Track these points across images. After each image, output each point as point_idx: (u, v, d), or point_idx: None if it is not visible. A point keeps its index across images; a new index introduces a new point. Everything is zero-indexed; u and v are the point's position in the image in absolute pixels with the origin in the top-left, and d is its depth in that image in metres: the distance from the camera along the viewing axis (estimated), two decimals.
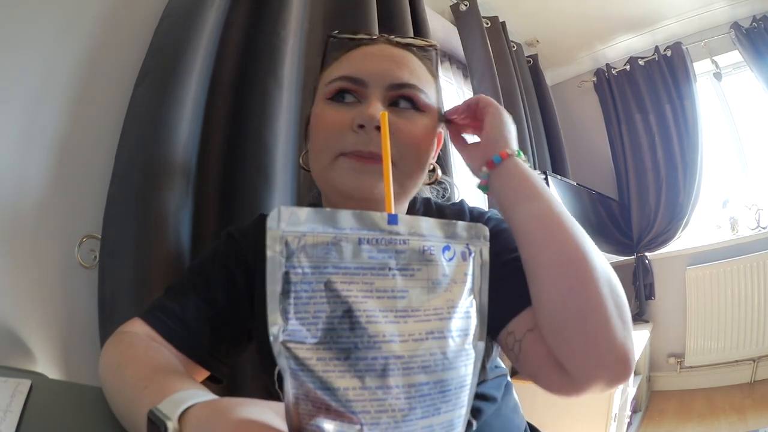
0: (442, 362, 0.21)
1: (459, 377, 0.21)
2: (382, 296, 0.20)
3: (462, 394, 0.22)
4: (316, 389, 0.19)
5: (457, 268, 0.22)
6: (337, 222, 0.19)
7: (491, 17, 2.11)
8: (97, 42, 0.79)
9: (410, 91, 0.53)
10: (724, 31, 2.41)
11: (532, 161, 1.94)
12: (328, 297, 0.19)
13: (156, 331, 0.49)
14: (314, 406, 0.19)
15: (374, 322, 0.20)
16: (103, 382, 0.44)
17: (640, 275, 2.47)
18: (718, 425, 1.89)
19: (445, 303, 0.22)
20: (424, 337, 0.21)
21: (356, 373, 0.19)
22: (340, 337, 0.19)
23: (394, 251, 0.20)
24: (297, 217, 0.19)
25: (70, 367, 0.70)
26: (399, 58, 0.55)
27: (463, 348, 0.22)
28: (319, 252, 0.19)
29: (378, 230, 0.20)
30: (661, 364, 2.45)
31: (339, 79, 0.54)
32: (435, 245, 0.22)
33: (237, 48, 0.93)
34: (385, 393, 0.19)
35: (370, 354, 0.19)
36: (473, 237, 0.23)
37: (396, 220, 0.21)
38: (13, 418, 0.39)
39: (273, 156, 0.85)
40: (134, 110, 0.77)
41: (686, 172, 2.42)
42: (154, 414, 0.29)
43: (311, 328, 0.19)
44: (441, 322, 0.21)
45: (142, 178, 0.72)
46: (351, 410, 0.19)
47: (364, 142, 0.50)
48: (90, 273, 0.73)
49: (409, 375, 0.20)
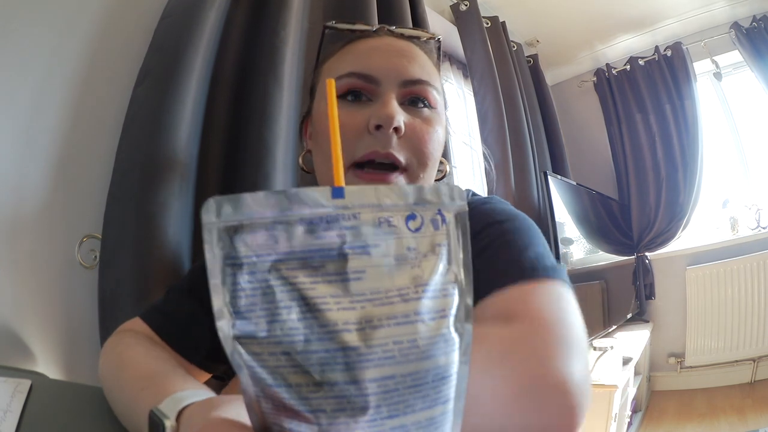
0: (412, 351, 0.18)
1: (437, 368, 0.18)
2: (334, 280, 0.18)
3: (444, 388, 0.19)
4: (271, 386, 0.17)
5: (426, 239, 0.19)
6: (274, 205, 0.17)
7: (491, 17, 2.11)
8: (97, 42, 0.79)
9: (423, 88, 0.51)
10: (724, 31, 2.41)
11: (532, 161, 1.94)
12: (275, 286, 0.17)
13: (155, 332, 0.49)
14: (273, 404, 0.17)
15: (325, 310, 0.17)
16: (104, 382, 0.44)
17: (640, 275, 2.47)
18: (718, 425, 1.89)
19: (412, 281, 0.18)
20: (385, 324, 0.18)
21: (309, 367, 0.17)
22: (290, 329, 0.17)
23: (343, 228, 0.18)
24: (231, 205, 0.17)
25: (70, 367, 0.70)
26: (408, 52, 0.52)
27: (439, 333, 0.19)
28: (259, 239, 0.17)
29: (321, 207, 0.18)
30: (661, 364, 2.45)
31: (347, 76, 0.50)
32: (395, 215, 0.19)
33: (237, 48, 0.93)
34: (342, 390, 0.17)
35: (323, 346, 0.17)
36: (446, 200, 0.20)
37: (341, 192, 0.18)
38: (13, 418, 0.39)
39: (273, 156, 0.85)
40: (134, 110, 0.77)
41: (686, 172, 2.42)
42: (155, 413, 0.29)
43: (259, 321, 0.17)
44: (407, 304, 0.18)
45: (142, 178, 0.72)
46: (306, 409, 0.17)
47: (381, 144, 0.47)
48: (90, 273, 0.73)
49: (369, 368, 0.17)
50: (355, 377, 0.17)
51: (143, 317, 0.51)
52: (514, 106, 1.94)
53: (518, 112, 1.95)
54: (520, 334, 0.30)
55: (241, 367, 0.18)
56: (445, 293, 0.19)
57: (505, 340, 0.30)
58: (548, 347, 0.29)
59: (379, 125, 0.46)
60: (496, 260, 0.39)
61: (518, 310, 0.33)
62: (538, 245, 0.41)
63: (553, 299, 0.35)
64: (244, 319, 0.17)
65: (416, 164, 0.49)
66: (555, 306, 0.34)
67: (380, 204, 0.19)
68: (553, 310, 0.33)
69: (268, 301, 0.17)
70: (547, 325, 0.31)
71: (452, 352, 0.19)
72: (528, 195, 1.82)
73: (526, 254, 0.39)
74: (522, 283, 0.36)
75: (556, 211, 1.82)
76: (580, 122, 2.85)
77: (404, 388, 0.18)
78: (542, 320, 0.31)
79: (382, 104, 0.47)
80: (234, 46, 0.92)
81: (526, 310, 0.33)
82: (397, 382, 0.17)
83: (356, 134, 0.47)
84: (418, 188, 0.19)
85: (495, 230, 0.43)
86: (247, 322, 0.17)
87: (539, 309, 0.33)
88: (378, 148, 0.47)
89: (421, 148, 0.49)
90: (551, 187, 1.85)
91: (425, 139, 0.49)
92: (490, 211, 0.46)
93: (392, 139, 0.47)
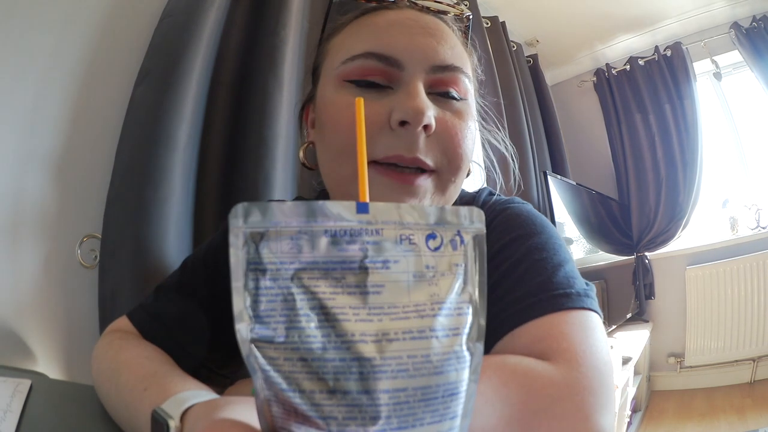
0: (424, 366, 0.18)
1: (448, 383, 0.19)
2: (354, 292, 0.18)
3: (453, 404, 0.19)
4: (284, 391, 0.17)
5: (444, 259, 0.20)
6: (300, 215, 0.18)
7: (491, 17, 2.11)
8: (97, 42, 0.79)
9: (455, 75, 0.43)
10: (724, 31, 2.41)
11: (533, 161, 1.94)
12: (295, 293, 0.18)
13: (142, 334, 0.47)
14: (284, 408, 0.18)
15: (343, 320, 0.18)
16: (99, 384, 0.43)
17: (640, 275, 2.47)
18: (718, 425, 1.89)
19: (429, 298, 0.19)
20: (400, 337, 0.18)
21: (323, 375, 0.17)
22: (307, 337, 0.18)
23: (365, 242, 0.19)
24: (259, 212, 0.18)
25: (70, 367, 0.70)
26: (436, 30, 0.43)
27: (452, 350, 0.19)
28: (283, 247, 0.18)
29: (345, 220, 0.18)
30: (661, 364, 2.45)
31: (363, 57, 0.41)
32: (416, 233, 0.19)
33: (237, 48, 0.93)
34: (354, 399, 0.17)
35: (339, 355, 0.18)
36: (465, 222, 0.20)
37: (366, 208, 0.19)
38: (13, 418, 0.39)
39: (273, 155, 0.85)
40: (134, 110, 0.77)
41: (686, 172, 2.42)
42: (158, 413, 0.29)
43: (278, 326, 0.18)
44: (422, 320, 0.19)
45: (142, 178, 0.72)
46: (318, 415, 0.17)
47: (406, 146, 0.39)
48: (90, 273, 0.73)
49: (383, 380, 0.18)
50: (368, 387, 0.17)
51: (131, 317, 0.49)
52: (514, 106, 1.94)
53: (518, 112, 1.95)
54: (565, 383, 0.30)
55: (256, 370, 0.18)
56: (459, 312, 0.20)
57: (550, 386, 0.29)
58: (589, 400, 0.29)
59: (404, 121, 0.39)
60: (527, 283, 0.37)
61: (558, 348, 0.32)
62: (566, 263, 0.39)
63: (588, 335, 0.34)
64: (263, 324, 0.18)
65: (447, 167, 0.42)
66: (592, 344, 0.33)
67: (402, 222, 0.19)
68: (592, 353, 0.32)
69: (288, 307, 0.18)
70: (588, 374, 0.31)
71: (463, 370, 0.19)
72: (528, 195, 1.82)
73: (557, 277, 0.37)
74: (556, 312, 0.34)
75: (556, 211, 1.82)
76: (580, 122, 2.85)
77: (415, 402, 0.18)
78: (584, 367, 0.31)
79: (408, 94, 0.40)
80: (234, 46, 0.92)
81: (566, 350, 0.32)
82: (409, 394, 0.18)
83: (375, 129, 0.39)
84: (439, 209, 0.20)
85: (522, 247, 0.40)
86: (265, 326, 0.18)
87: (579, 351, 0.32)
88: (402, 151, 0.39)
89: (453, 148, 0.41)
90: (551, 187, 1.85)
91: (458, 137, 0.42)
92: (514, 219, 0.43)
93: (420, 138, 0.39)
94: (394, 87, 0.42)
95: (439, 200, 0.43)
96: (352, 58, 0.42)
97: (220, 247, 0.51)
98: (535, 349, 0.32)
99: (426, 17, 0.45)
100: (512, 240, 0.41)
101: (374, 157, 0.40)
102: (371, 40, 0.42)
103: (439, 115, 0.41)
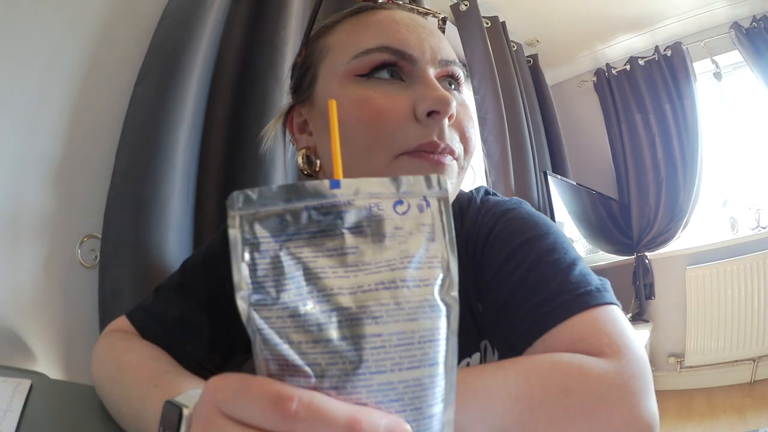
0: (396, 312, 0.20)
1: (423, 330, 0.21)
2: (332, 254, 0.21)
3: (430, 350, 0.21)
4: (276, 345, 0.20)
5: (411, 221, 0.22)
6: (283, 196, 0.21)
7: (491, 17, 2.11)
8: (97, 42, 0.79)
9: (458, 69, 0.46)
10: (724, 31, 2.41)
11: (532, 161, 1.94)
12: (283, 260, 0.21)
13: (141, 334, 0.48)
14: (279, 364, 0.20)
15: (324, 277, 0.20)
16: (100, 384, 0.43)
17: (640, 275, 2.47)
18: (718, 425, 1.89)
19: (399, 254, 0.21)
20: (373, 288, 0.20)
21: (309, 327, 0.20)
22: (294, 295, 0.20)
23: (339, 212, 0.21)
24: (249, 197, 0.21)
25: (70, 367, 0.70)
26: (433, 28, 0.47)
27: (424, 299, 0.21)
28: (272, 223, 0.21)
29: (321, 196, 0.21)
30: (661, 364, 2.46)
31: (378, 50, 0.42)
32: (383, 201, 0.22)
33: (237, 48, 0.93)
34: (335, 346, 0.20)
35: (320, 308, 0.20)
36: (428, 189, 0.23)
37: (338, 184, 0.21)
38: (13, 418, 0.39)
39: (273, 156, 0.85)
40: (134, 110, 0.77)
41: (686, 172, 2.42)
42: (171, 403, 0.29)
43: (270, 290, 0.20)
44: (393, 272, 0.21)
45: (142, 178, 0.72)
46: (304, 362, 0.19)
47: (438, 134, 0.41)
48: (91, 273, 0.73)
49: (358, 326, 0.20)
50: (346, 334, 0.20)
51: (130, 317, 0.50)
52: (514, 106, 1.94)
53: (518, 112, 1.95)
54: (616, 372, 0.32)
55: (254, 332, 0.20)
56: (430, 265, 0.22)
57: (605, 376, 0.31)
58: (639, 386, 0.32)
59: (432, 111, 0.40)
60: (546, 286, 0.38)
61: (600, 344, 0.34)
62: (579, 261, 0.41)
63: (621, 328, 0.36)
64: (259, 289, 0.20)
65: (463, 153, 0.44)
66: (627, 336, 0.35)
67: (371, 192, 0.22)
68: (631, 343, 0.34)
69: (278, 273, 0.20)
70: (634, 362, 0.33)
71: (438, 318, 0.21)
72: (528, 195, 1.82)
73: (573, 277, 0.38)
74: (584, 312, 0.36)
75: (556, 211, 1.82)
76: (580, 122, 2.85)
77: (391, 346, 0.20)
78: (629, 356, 0.33)
79: (428, 86, 0.41)
80: (234, 46, 0.92)
81: (608, 344, 0.34)
82: (384, 339, 0.20)
83: (401, 121, 0.41)
84: (404, 178, 0.22)
85: (533, 251, 0.41)
86: (260, 291, 0.20)
87: (620, 343, 0.34)
88: (435, 138, 0.40)
89: (466, 135, 0.44)
90: (551, 187, 1.85)
91: (468, 125, 0.45)
92: (519, 222, 0.44)
93: (446, 127, 0.41)
94: (407, 81, 0.43)
95: (456, 183, 0.45)
96: (366, 52, 0.43)
97: (221, 251, 0.51)
98: (579, 349, 0.34)
99: (418, 17, 0.47)
100: (522, 243, 0.42)
101: (406, 148, 0.41)
102: (382, 35, 0.43)
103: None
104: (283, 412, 0.18)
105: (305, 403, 0.18)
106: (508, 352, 0.38)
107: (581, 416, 0.30)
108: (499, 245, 0.43)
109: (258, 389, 0.19)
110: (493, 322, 0.42)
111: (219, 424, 0.20)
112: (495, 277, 0.42)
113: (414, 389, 0.20)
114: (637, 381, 0.32)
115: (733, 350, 2.25)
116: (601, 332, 0.35)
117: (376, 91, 0.42)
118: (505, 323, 0.39)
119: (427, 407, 0.21)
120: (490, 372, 0.30)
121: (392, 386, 0.20)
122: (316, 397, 0.19)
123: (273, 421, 0.19)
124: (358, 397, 0.19)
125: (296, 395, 0.19)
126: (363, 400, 0.20)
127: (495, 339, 0.44)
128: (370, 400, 0.20)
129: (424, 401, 0.20)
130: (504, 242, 0.43)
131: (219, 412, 0.20)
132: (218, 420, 0.20)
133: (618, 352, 0.33)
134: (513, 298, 0.39)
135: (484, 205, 0.49)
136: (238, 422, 0.20)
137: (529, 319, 0.37)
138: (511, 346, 0.37)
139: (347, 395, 0.19)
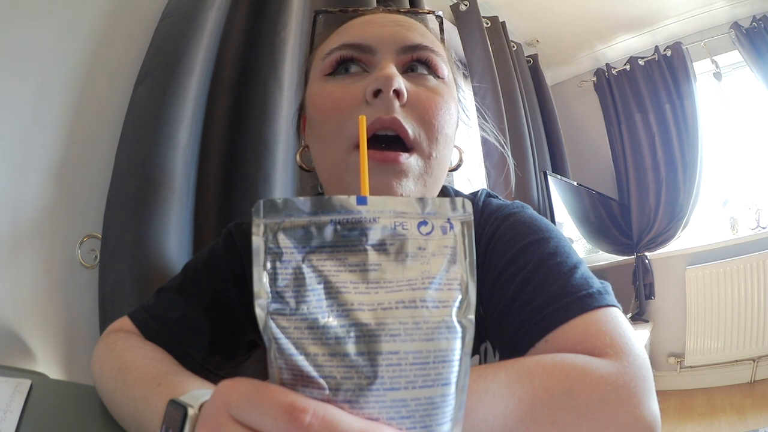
0: (415, 332, 0.21)
1: (438, 350, 0.21)
2: (354, 269, 0.21)
3: (444, 371, 0.21)
4: (292, 356, 0.20)
5: (435, 242, 0.23)
6: (309, 208, 0.21)
7: (491, 17, 2.11)
8: (97, 42, 0.79)
9: (427, 53, 0.45)
10: (724, 31, 2.41)
11: (532, 161, 1.94)
12: (305, 272, 0.21)
13: (143, 335, 0.48)
14: (293, 374, 0.20)
15: (345, 292, 0.21)
16: (102, 383, 0.43)
17: (640, 275, 2.47)
18: (718, 425, 1.89)
19: (420, 274, 0.22)
20: (393, 306, 0.21)
21: (326, 340, 0.20)
22: (314, 307, 0.20)
23: (364, 229, 0.22)
24: (276, 206, 0.21)
25: (70, 367, 0.70)
26: (404, 21, 0.47)
27: (442, 320, 0.21)
28: (297, 234, 0.21)
29: (347, 211, 0.22)
30: (661, 364, 2.46)
31: (339, 48, 0.45)
32: (408, 221, 0.22)
33: (237, 48, 0.93)
34: (352, 360, 0.20)
35: (339, 322, 0.20)
36: (453, 211, 0.23)
37: (365, 201, 0.22)
38: (13, 418, 0.39)
39: (273, 156, 0.85)
40: (134, 110, 0.77)
41: (686, 172, 2.42)
42: (175, 402, 0.29)
43: (290, 300, 0.20)
44: (413, 292, 0.21)
45: (142, 177, 0.72)
46: (319, 375, 0.20)
47: (384, 110, 0.41)
48: (91, 273, 0.73)
49: (375, 342, 0.20)
50: (364, 349, 0.20)
51: (132, 317, 0.50)
52: (514, 106, 1.94)
53: (518, 112, 1.95)
54: (618, 373, 0.32)
55: (270, 340, 0.20)
56: (449, 287, 0.22)
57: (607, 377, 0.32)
58: (641, 386, 0.32)
59: (377, 90, 0.41)
60: (548, 288, 0.39)
61: (602, 345, 0.34)
62: (580, 264, 0.41)
63: (622, 330, 0.36)
64: (278, 298, 0.21)
65: (425, 138, 0.43)
66: (628, 337, 0.35)
67: (396, 211, 0.22)
68: (632, 344, 0.35)
69: (299, 284, 0.21)
70: (635, 363, 0.33)
71: (454, 340, 0.21)
72: (528, 195, 1.82)
73: (575, 280, 0.39)
74: (586, 313, 0.36)
75: (556, 210, 1.82)
76: (580, 122, 2.85)
77: (407, 364, 0.20)
78: (631, 357, 0.33)
79: (379, 69, 0.43)
80: (234, 46, 0.92)
81: (610, 345, 0.34)
82: (401, 357, 0.20)
83: (354, 107, 0.43)
84: (431, 200, 0.23)
85: (536, 255, 0.41)
86: (280, 300, 0.21)
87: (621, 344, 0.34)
88: (381, 114, 0.41)
89: (428, 118, 0.43)
90: (551, 187, 1.85)
91: (432, 108, 0.44)
92: (521, 226, 0.44)
93: (394, 103, 0.42)
94: (369, 71, 0.45)
95: (428, 181, 0.45)
96: (329, 52, 0.46)
97: (222, 254, 0.53)
98: (581, 349, 0.34)
99: (396, 15, 0.49)
100: (524, 247, 0.42)
101: (356, 136, 0.42)
102: (346, 35, 0.47)
103: (413, 88, 0.44)
104: (297, 423, 0.18)
105: (319, 416, 0.18)
106: (510, 353, 0.39)
107: (585, 417, 0.30)
108: (502, 249, 0.43)
109: (272, 398, 0.19)
110: (495, 324, 0.42)
111: (229, 428, 0.20)
112: (497, 280, 0.42)
113: (425, 407, 0.20)
114: (639, 382, 0.32)
115: (733, 350, 2.25)
116: (602, 333, 0.35)
117: (336, 84, 0.45)
118: (508, 325, 0.39)
119: (436, 426, 0.21)
120: (492, 372, 0.31)
121: (405, 403, 0.20)
122: (329, 411, 0.19)
123: (285, 431, 0.19)
124: (370, 412, 0.20)
125: (311, 407, 0.19)
126: (375, 415, 0.20)
127: (497, 340, 0.44)
128: (382, 416, 0.20)
129: (434, 420, 0.20)
130: (506, 246, 0.43)
131: (229, 416, 0.20)
132: (228, 424, 0.20)
133: (620, 353, 0.33)
134: (515, 301, 0.39)
135: (486, 208, 0.49)
136: (248, 428, 0.20)
137: (532, 321, 0.37)
138: (514, 347, 0.38)
139: (359, 409, 0.20)
